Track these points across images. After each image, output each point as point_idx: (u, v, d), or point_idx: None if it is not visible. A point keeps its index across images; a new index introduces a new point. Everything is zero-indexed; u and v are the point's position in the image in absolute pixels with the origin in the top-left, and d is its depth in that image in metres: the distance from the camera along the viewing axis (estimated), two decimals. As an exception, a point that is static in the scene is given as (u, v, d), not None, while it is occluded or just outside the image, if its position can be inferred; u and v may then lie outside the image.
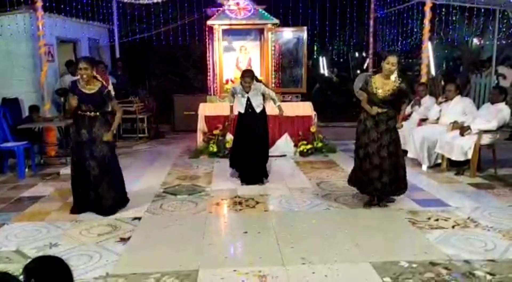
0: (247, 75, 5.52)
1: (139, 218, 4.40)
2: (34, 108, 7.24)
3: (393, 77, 4.53)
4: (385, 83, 4.49)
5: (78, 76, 4.48)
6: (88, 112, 4.44)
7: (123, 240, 3.85)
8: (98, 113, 4.47)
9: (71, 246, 3.73)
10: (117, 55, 10.68)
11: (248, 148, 5.58)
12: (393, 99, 4.52)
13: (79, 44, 9.50)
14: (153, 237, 3.96)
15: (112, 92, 8.16)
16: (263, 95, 5.66)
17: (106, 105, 4.62)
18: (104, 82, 4.64)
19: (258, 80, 6.04)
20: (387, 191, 4.58)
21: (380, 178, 4.48)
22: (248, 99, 5.55)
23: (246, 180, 5.65)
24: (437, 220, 4.27)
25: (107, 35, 10.69)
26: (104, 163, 4.47)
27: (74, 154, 4.56)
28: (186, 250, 3.65)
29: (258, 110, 5.59)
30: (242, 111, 5.62)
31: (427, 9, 7.60)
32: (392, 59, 4.39)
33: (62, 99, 7.67)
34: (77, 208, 4.57)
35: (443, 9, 9.89)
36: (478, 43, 12.92)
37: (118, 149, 8.16)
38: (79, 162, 4.49)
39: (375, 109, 4.47)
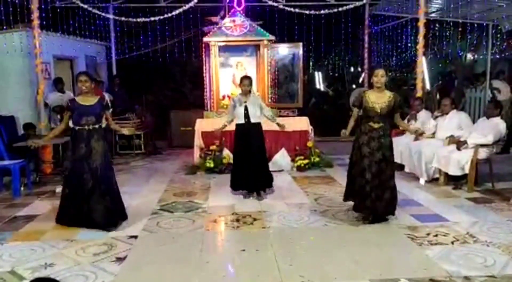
0: (246, 79, 5.67)
1: (136, 236, 4.35)
2: (29, 126, 7.21)
3: (387, 91, 4.61)
4: (379, 97, 4.56)
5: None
6: (87, 126, 4.54)
7: (119, 259, 3.80)
8: (96, 127, 4.59)
9: (66, 266, 3.67)
10: (114, 72, 10.72)
11: (248, 160, 5.57)
12: (390, 112, 4.58)
13: (76, 61, 9.53)
14: (149, 256, 3.90)
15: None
16: (260, 109, 5.69)
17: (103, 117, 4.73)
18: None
19: None
20: (379, 209, 4.54)
21: (370, 194, 4.47)
22: (246, 108, 5.57)
23: (249, 188, 5.68)
24: (436, 235, 4.25)
25: (104, 52, 10.74)
26: (97, 174, 4.52)
27: (70, 168, 4.66)
28: (183, 269, 3.60)
29: (253, 120, 5.60)
30: (242, 121, 5.60)
31: (421, 25, 7.68)
32: (380, 71, 4.58)
33: (58, 116, 7.65)
34: (64, 220, 4.65)
35: (437, 25, 10.02)
36: (472, 57, 13.05)
37: (114, 165, 8.15)
38: (77, 175, 4.55)
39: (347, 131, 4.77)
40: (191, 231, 4.53)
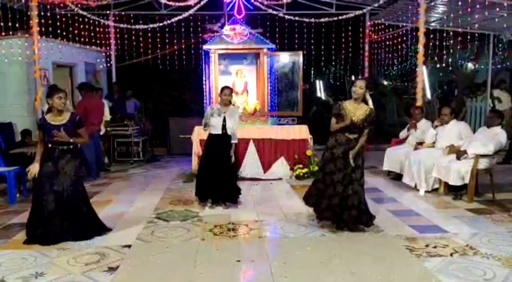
0: (227, 89, 5.58)
1: (129, 246, 4.27)
2: (26, 133, 7.18)
3: (370, 103, 4.55)
4: (357, 108, 4.52)
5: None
6: (60, 146, 4.35)
7: (111, 269, 3.72)
8: (71, 147, 4.40)
9: (57, 276, 3.60)
10: (114, 79, 10.71)
11: (216, 170, 5.51)
12: (363, 126, 4.53)
13: (75, 68, 9.52)
14: (142, 266, 3.83)
15: (109, 116, 8.19)
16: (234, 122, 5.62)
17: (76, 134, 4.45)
18: (74, 111, 4.58)
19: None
20: (348, 218, 4.52)
21: (339, 205, 4.48)
22: (224, 119, 5.51)
23: (216, 198, 5.63)
24: (435, 247, 4.17)
25: (104, 59, 10.75)
26: (62, 197, 4.29)
27: (35, 185, 4.47)
28: (176, 280, 3.53)
29: (229, 132, 5.55)
30: (219, 132, 5.50)
31: (421, 34, 7.66)
32: (359, 82, 4.51)
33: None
34: (29, 240, 4.38)
35: (437, 34, 10.01)
36: (472, 67, 13.03)
37: (112, 172, 8.14)
38: (38, 194, 4.35)
39: (348, 119, 4.45)
40: (186, 240, 4.46)
